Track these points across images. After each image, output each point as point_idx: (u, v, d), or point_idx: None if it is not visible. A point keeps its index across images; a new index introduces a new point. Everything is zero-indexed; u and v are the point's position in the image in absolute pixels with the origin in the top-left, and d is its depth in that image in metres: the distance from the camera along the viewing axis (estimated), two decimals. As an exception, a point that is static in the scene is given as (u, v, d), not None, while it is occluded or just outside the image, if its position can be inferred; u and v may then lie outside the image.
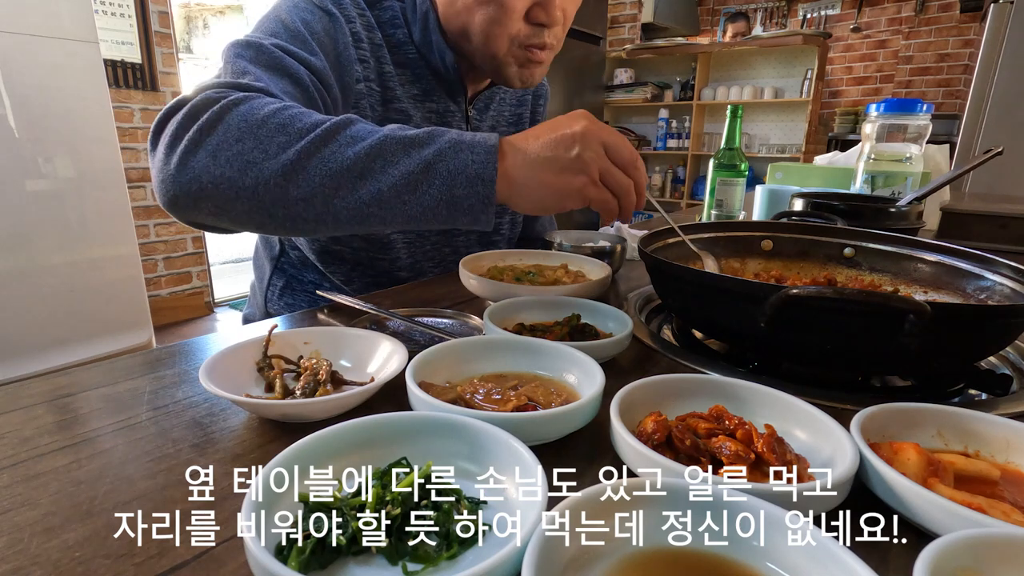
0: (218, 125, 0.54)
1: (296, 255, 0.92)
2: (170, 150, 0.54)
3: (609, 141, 0.56)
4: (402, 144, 0.54)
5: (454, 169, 0.53)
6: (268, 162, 0.52)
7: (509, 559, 0.25)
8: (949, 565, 0.25)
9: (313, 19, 0.70)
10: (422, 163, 0.53)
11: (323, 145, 0.53)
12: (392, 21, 0.80)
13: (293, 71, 0.64)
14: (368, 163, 0.53)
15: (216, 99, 0.55)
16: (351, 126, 0.55)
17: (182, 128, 0.54)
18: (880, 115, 1.15)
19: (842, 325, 0.48)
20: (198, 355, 0.56)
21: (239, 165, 0.53)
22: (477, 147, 0.54)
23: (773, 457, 0.35)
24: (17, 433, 0.42)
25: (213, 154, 0.53)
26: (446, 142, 0.54)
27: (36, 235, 2.03)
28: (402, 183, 0.53)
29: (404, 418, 0.37)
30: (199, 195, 0.54)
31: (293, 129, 0.53)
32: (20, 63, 1.92)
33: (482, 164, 0.53)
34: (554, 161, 0.55)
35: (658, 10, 4.26)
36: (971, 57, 3.67)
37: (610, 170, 0.56)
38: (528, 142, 0.56)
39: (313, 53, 0.68)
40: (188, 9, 4.97)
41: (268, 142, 0.53)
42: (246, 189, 0.53)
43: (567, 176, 0.55)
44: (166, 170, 0.55)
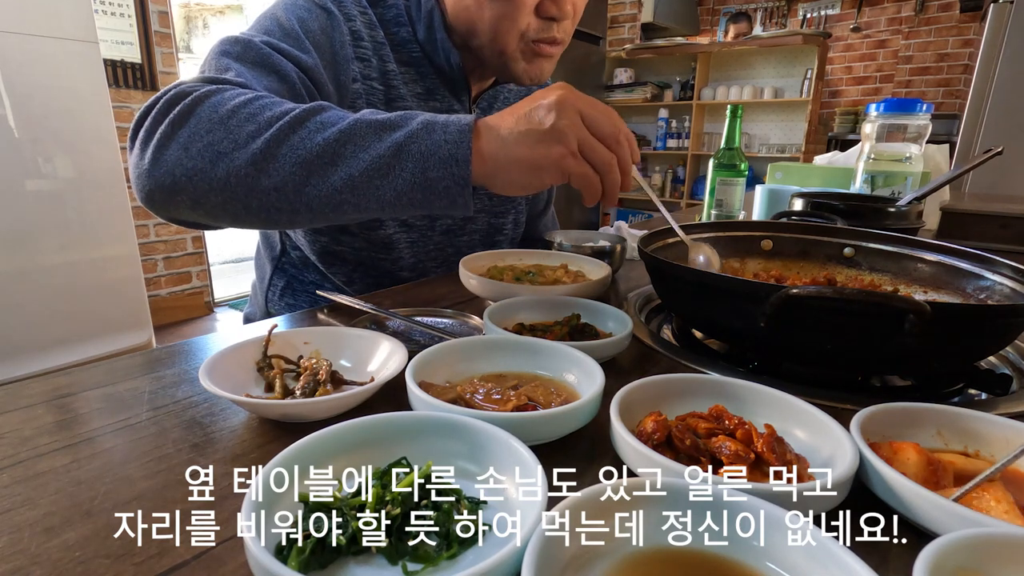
0: (189, 118, 0.53)
1: (297, 255, 0.92)
2: (144, 145, 0.54)
3: (587, 111, 0.52)
4: (373, 128, 0.52)
5: (426, 150, 0.51)
6: (238, 152, 0.51)
7: (509, 559, 0.25)
8: (949, 565, 0.25)
9: (310, 17, 0.70)
10: (393, 145, 0.51)
11: (292, 132, 0.51)
12: (396, 19, 0.80)
13: (280, 68, 0.63)
14: (338, 148, 0.51)
15: (188, 92, 0.54)
16: (322, 112, 0.53)
17: (155, 123, 0.54)
18: (880, 115, 1.15)
19: (842, 325, 0.48)
20: (198, 355, 0.56)
21: (210, 156, 0.52)
22: (450, 127, 0.51)
23: (773, 457, 0.35)
24: (17, 433, 0.42)
25: (184, 147, 0.52)
26: (418, 123, 0.52)
27: (36, 235, 2.03)
28: (373, 167, 0.51)
29: (404, 418, 0.37)
30: (173, 189, 0.53)
31: (263, 118, 0.52)
32: (20, 63, 1.92)
33: (455, 144, 0.51)
34: (528, 134, 0.51)
35: (658, 10, 4.26)
36: (971, 57, 3.67)
37: (589, 141, 0.52)
38: (503, 119, 0.53)
39: (305, 51, 0.67)
40: (188, 9, 4.97)
41: (237, 132, 0.52)
42: (218, 180, 0.52)
43: (542, 148, 0.51)
44: (141, 166, 0.54)
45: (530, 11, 0.72)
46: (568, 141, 0.51)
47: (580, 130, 0.51)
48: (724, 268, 0.80)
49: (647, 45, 4.55)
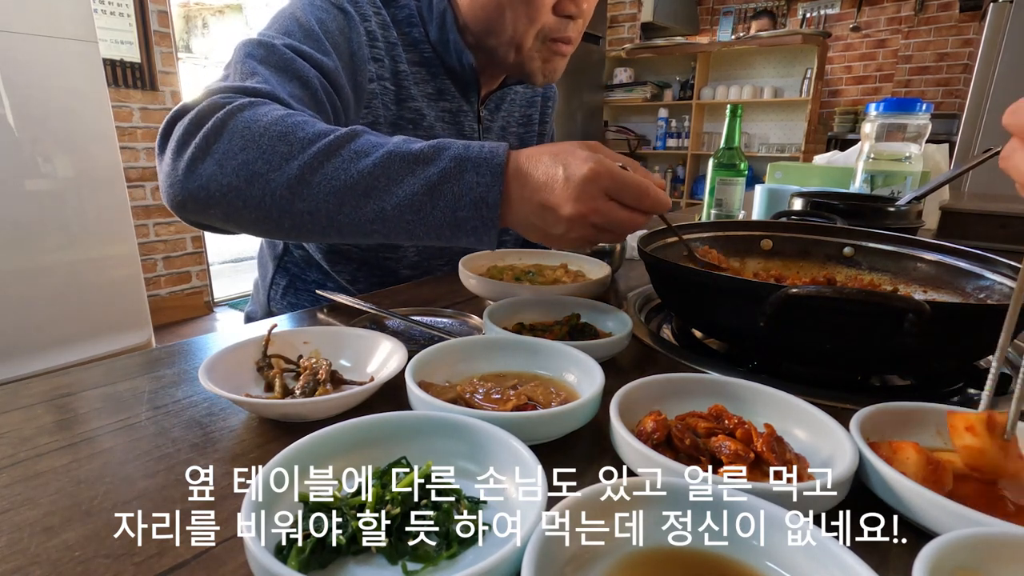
0: (223, 132, 0.54)
1: (300, 254, 0.92)
2: (177, 155, 0.55)
3: (614, 186, 0.50)
4: (407, 161, 0.52)
5: (459, 192, 0.51)
6: (273, 174, 0.52)
7: (509, 559, 0.25)
8: (948, 564, 0.25)
9: (328, 17, 0.70)
10: (427, 184, 0.51)
11: (327, 160, 0.52)
12: (408, 20, 0.80)
13: (303, 73, 0.64)
14: (372, 181, 0.52)
15: (221, 104, 0.55)
16: (356, 139, 0.53)
17: (189, 134, 0.55)
18: (879, 114, 1.15)
19: (841, 324, 0.48)
20: (198, 355, 0.56)
21: (245, 175, 0.53)
22: (483, 167, 0.51)
23: (773, 457, 0.35)
24: (17, 433, 0.42)
25: (220, 163, 0.53)
26: (451, 159, 0.52)
27: (36, 235, 2.03)
28: (406, 203, 0.52)
29: (404, 418, 0.37)
30: (208, 202, 0.54)
31: (295, 139, 0.53)
32: (20, 63, 1.92)
33: (487, 187, 0.51)
34: (549, 211, 0.51)
35: (657, 9, 4.26)
36: (970, 56, 3.67)
37: (608, 218, 0.51)
38: (534, 175, 0.52)
39: (326, 53, 0.67)
40: (187, 9, 4.97)
41: (271, 153, 0.52)
42: (253, 199, 0.53)
43: (560, 232, 0.52)
44: (174, 175, 0.55)
45: (548, 9, 0.74)
46: (582, 229, 0.52)
47: (598, 215, 0.51)
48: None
49: (647, 45, 4.55)
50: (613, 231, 0.53)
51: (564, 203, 0.51)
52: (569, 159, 0.51)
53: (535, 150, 0.54)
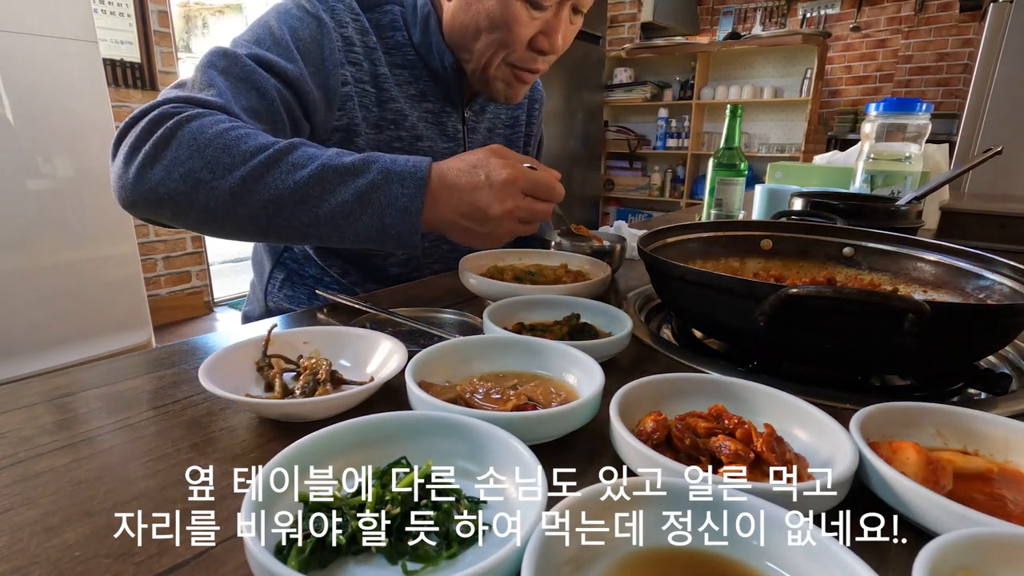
0: (171, 141, 0.58)
1: (300, 249, 0.93)
2: (128, 160, 0.59)
3: (531, 188, 0.62)
4: (339, 173, 0.58)
5: (384, 201, 0.58)
6: (216, 182, 0.57)
7: (509, 559, 0.25)
8: (948, 564, 0.25)
9: (301, 26, 0.73)
10: (356, 194, 0.58)
11: (266, 171, 0.57)
12: (391, 24, 0.83)
13: (260, 84, 0.67)
14: (307, 190, 0.58)
15: (172, 114, 0.59)
16: (293, 152, 0.59)
17: (140, 140, 0.59)
18: (879, 114, 1.15)
19: (841, 324, 0.48)
20: (198, 355, 0.56)
21: (191, 183, 0.57)
22: (407, 180, 0.59)
23: (772, 456, 0.35)
24: (17, 432, 0.42)
25: (167, 170, 0.58)
26: (378, 172, 0.59)
27: (36, 235, 2.03)
28: (338, 211, 0.58)
29: (404, 418, 0.37)
30: (156, 204, 0.59)
31: (238, 151, 0.57)
32: (20, 63, 1.92)
33: (410, 197, 0.58)
34: (470, 215, 0.61)
35: (657, 9, 4.25)
36: (970, 56, 3.67)
37: (527, 212, 0.62)
38: (453, 186, 0.60)
39: (291, 60, 0.71)
40: (187, 8, 4.97)
41: (215, 163, 0.57)
42: (198, 203, 0.58)
43: (483, 232, 0.62)
44: (124, 177, 0.59)
45: (523, 44, 0.77)
46: (504, 225, 0.62)
47: (520, 210, 0.61)
48: (724, 268, 0.80)
49: (647, 45, 4.55)
50: (531, 221, 0.64)
51: (491, 204, 0.60)
52: (488, 167, 0.61)
53: (455, 161, 0.62)
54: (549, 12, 0.75)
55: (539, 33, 0.76)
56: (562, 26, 0.77)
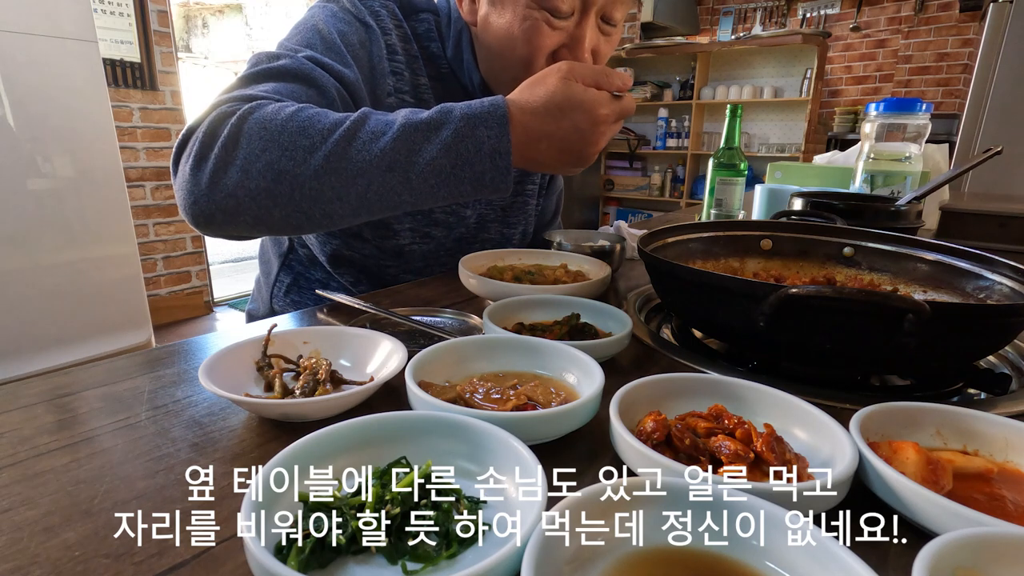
0: (240, 138, 0.54)
1: (305, 253, 0.92)
2: (197, 169, 0.55)
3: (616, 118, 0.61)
4: (420, 130, 0.55)
5: (474, 148, 0.56)
6: (299, 168, 0.54)
7: (509, 559, 0.25)
8: (948, 564, 0.25)
9: (350, 30, 0.70)
10: (443, 147, 0.55)
11: (348, 144, 0.54)
12: (427, 34, 0.80)
13: (320, 82, 0.64)
14: (394, 156, 0.55)
15: (231, 112, 0.56)
16: (368, 120, 0.56)
17: (205, 147, 0.55)
18: (879, 114, 1.15)
19: (841, 324, 0.48)
20: (197, 354, 0.56)
21: (273, 175, 0.54)
22: (490, 121, 0.56)
23: (772, 456, 0.35)
24: (17, 432, 0.42)
25: (244, 169, 0.54)
26: (459, 119, 0.56)
27: (36, 235, 2.03)
28: (428, 169, 0.55)
29: (404, 418, 0.37)
30: (237, 210, 0.55)
31: (314, 131, 0.54)
32: (20, 63, 1.92)
33: (497, 138, 0.56)
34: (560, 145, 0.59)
35: (657, 9, 4.25)
36: (970, 56, 3.67)
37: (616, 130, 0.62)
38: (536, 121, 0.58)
39: (347, 65, 0.68)
40: (187, 8, 4.97)
41: (293, 148, 0.54)
42: (283, 196, 0.55)
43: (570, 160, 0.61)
44: (197, 190, 0.55)
45: (545, 57, 0.72)
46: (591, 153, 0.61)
47: (608, 137, 0.61)
48: (724, 268, 0.80)
49: (647, 45, 4.55)
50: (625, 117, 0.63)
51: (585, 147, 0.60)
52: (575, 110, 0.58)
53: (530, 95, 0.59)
54: (571, 22, 0.70)
55: (562, 46, 0.71)
56: (587, 37, 0.71)
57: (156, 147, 2.87)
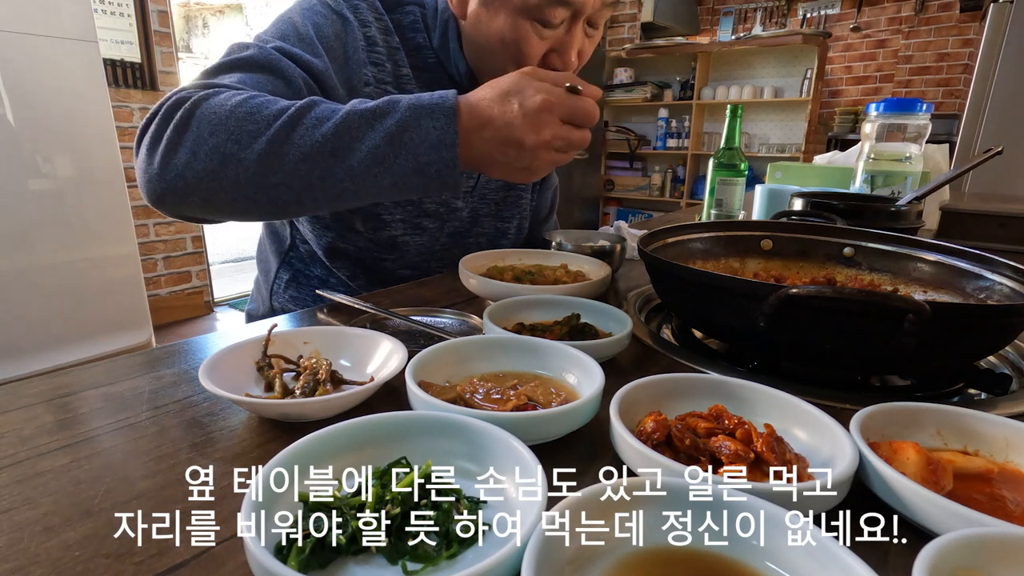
0: (191, 121, 0.56)
1: (305, 249, 0.93)
2: (151, 151, 0.57)
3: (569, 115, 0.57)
4: (365, 118, 0.55)
5: (418, 138, 0.55)
6: (243, 152, 0.55)
7: (509, 559, 0.25)
8: (948, 564, 0.25)
9: (325, 23, 0.72)
10: (387, 135, 0.55)
11: (292, 130, 0.55)
12: (412, 25, 0.82)
13: (286, 72, 0.65)
14: (336, 141, 0.55)
15: (187, 98, 0.58)
16: (314, 107, 0.56)
17: (159, 129, 0.57)
18: (880, 115, 1.15)
19: (841, 324, 0.48)
20: (198, 354, 0.56)
21: (219, 158, 0.55)
22: (436, 112, 0.55)
23: (772, 457, 0.35)
24: (17, 432, 0.42)
25: (192, 151, 0.56)
26: (405, 109, 0.55)
27: (36, 235, 2.03)
28: (371, 157, 0.55)
29: (404, 418, 0.37)
30: (185, 191, 0.57)
31: (260, 117, 0.55)
32: (20, 63, 1.92)
33: (443, 130, 0.55)
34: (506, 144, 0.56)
35: (658, 9, 4.25)
36: (971, 57, 3.67)
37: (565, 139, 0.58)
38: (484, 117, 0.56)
39: (317, 55, 0.69)
40: (187, 8, 4.97)
41: (239, 132, 0.55)
42: (228, 180, 0.56)
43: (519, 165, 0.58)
44: (150, 170, 0.58)
45: (535, 63, 0.74)
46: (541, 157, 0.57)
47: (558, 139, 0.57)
48: (724, 268, 0.80)
49: (647, 45, 4.55)
50: (568, 151, 0.59)
51: (526, 135, 0.56)
52: (521, 94, 0.56)
53: (484, 90, 0.58)
54: (560, 30, 0.73)
55: (551, 51, 0.74)
56: (575, 43, 0.74)
57: (156, 147, 2.86)
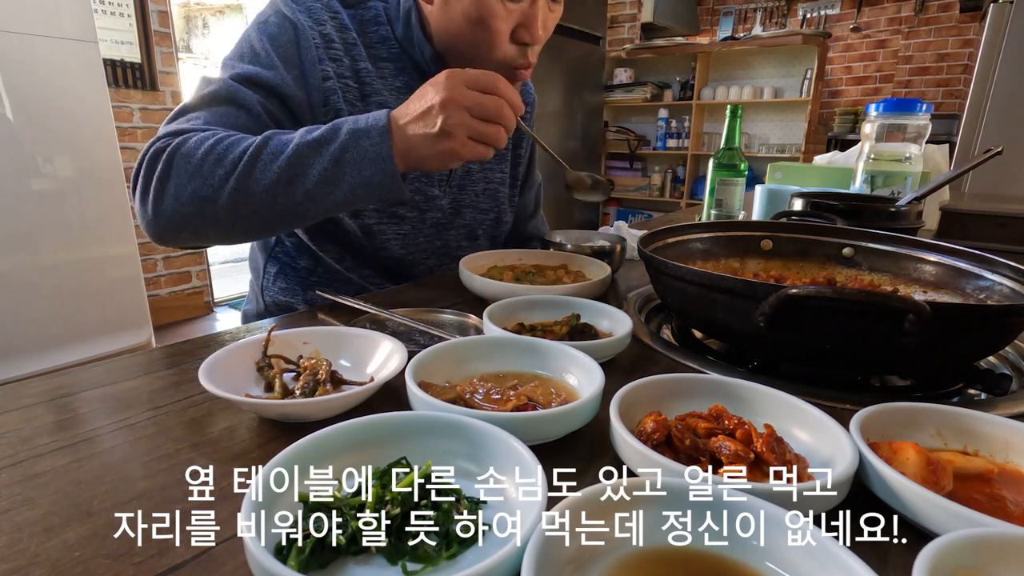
0: (170, 172, 0.66)
1: (291, 242, 0.95)
2: (143, 200, 0.68)
3: (472, 104, 0.63)
4: (311, 147, 0.65)
5: (358, 157, 0.64)
6: (217, 193, 0.65)
7: (509, 559, 0.25)
8: (948, 565, 0.25)
9: (279, 32, 0.77)
10: (332, 159, 0.64)
11: (252, 168, 0.64)
12: (375, 19, 0.85)
13: (244, 101, 0.73)
14: (291, 171, 0.64)
15: (163, 148, 0.67)
16: (269, 143, 0.65)
17: (146, 181, 0.67)
18: (880, 115, 1.15)
19: (841, 325, 0.48)
20: (198, 355, 0.56)
21: (198, 202, 0.65)
22: (372, 131, 0.64)
23: (772, 457, 0.35)
24: (17, 433, 0.42)
25: (175, 197, 0.66)
26: (346, 134, 0.64)
27: (36, 235, 2.03)
28: (322, 179, 0.64)
29: (404, 418, 0.37)
30: (176, 229, 0.68)
31: (227, 161, 0.65)
32: (20, 63, 1.92)
33: (378, 145, 0.64)
34: (426, 137, 0.64)
35: (658, 10, 4.25)
36: (971, 57, 3.67)
37: (476, 128, 0.64)
38: (405, 120, 0.65)
39: (272, 67, 0.75)
40: (187, 9, 4.97)
41: (211, 177, 0.65)
42: (209, 218, 0.66)
43: (439, 146, 0.64)
44: (146, 216, 0.68)
45: (506, 39, 0.78)
46: (456, 137, 0.63)
47: (466, 123, 0.63)
48: (724, 268, 0.80)
49: (647, 45, 4.55)
50: (487, 117, 0.64)
51: (433, 97, 0.63)
52: (427, 90, 0.64)
53: (408, 101, 0.66)
54: (525, 3, 0.76)
55: (519, 26, 0.77)
56: (540, 15, 0.77)
57: (156, 147, 2.86)
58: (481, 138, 0.64)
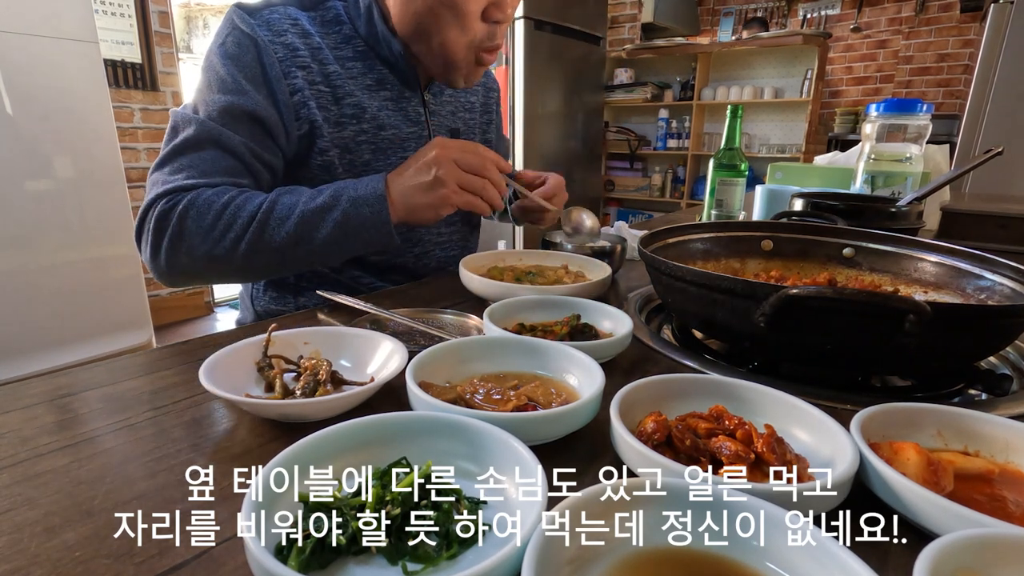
0: (183, 232, 0.70)
1: None
2: (155, 255, 0.72)
3: (458, 157, 0.73)
4: (316, 214, 0.71)
5: (359, 224, 0.72)
6: (230, 254, 0.71)
7: (509, 559, 0.25)
8: (949, 565, 0.25)
9: (240, 51, 0.76)
10: (336, 226, 0.71)
11: (262, 232, 0.70)
12: (336, 19, 0.85)
13: (228, 145, 0.75)
14: (299, 235, 0.71)
15: (171, 209, 0.70)
16: (276, 207, 0.71)
17: (157, 239, 0.71)
18: (880, 115, 1.15)
19: (842, 325, 0.48)
20: (198, 355, 0.56)
21: (211, 259, 0.71)
22: (371, 199, 0.72)
23: (773, 457, 0.35)
24: (17, 433, 0.42)
25: (189, 255, 0.71)
26: (347, 202, 0.72)
27: (36, 235, 2.03)
28: (327, 241, 0.72)
29: (404, 418, 0.37)
30: (189, 280, 0.77)
31: (237, 225, 0.70)
32: (21, 63, 1.92)
33: (377, 211, 0.72)
34: (420, 187, 0.73)
35: (658, 10, 4.25)
36: (971, 57, 3.67)
37: (463, 178, 0.73)
38: (402, 177, 0.74)
39: (242, 93, 0.75)
40: (188, 9, 4.97)
41: (223, 239, 0.70)
42: (222, 271, 0.74)
43: (432, 194, 0.73)
44: (159, 268, 0.73)
45: (477, 18, 0.78)
46: (447, 184, 0.72)
47: (455, 173, 0.73)
48: (724, 268, 0.80)
49: (647, 45, 4.54)
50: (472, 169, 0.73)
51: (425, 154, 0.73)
52: (421, 152, 0.74)
53: (403, 165, 0.75)
54: None
55: (489, 5, 0.77)
56: None
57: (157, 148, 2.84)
58: (470, 187, 0.73)
